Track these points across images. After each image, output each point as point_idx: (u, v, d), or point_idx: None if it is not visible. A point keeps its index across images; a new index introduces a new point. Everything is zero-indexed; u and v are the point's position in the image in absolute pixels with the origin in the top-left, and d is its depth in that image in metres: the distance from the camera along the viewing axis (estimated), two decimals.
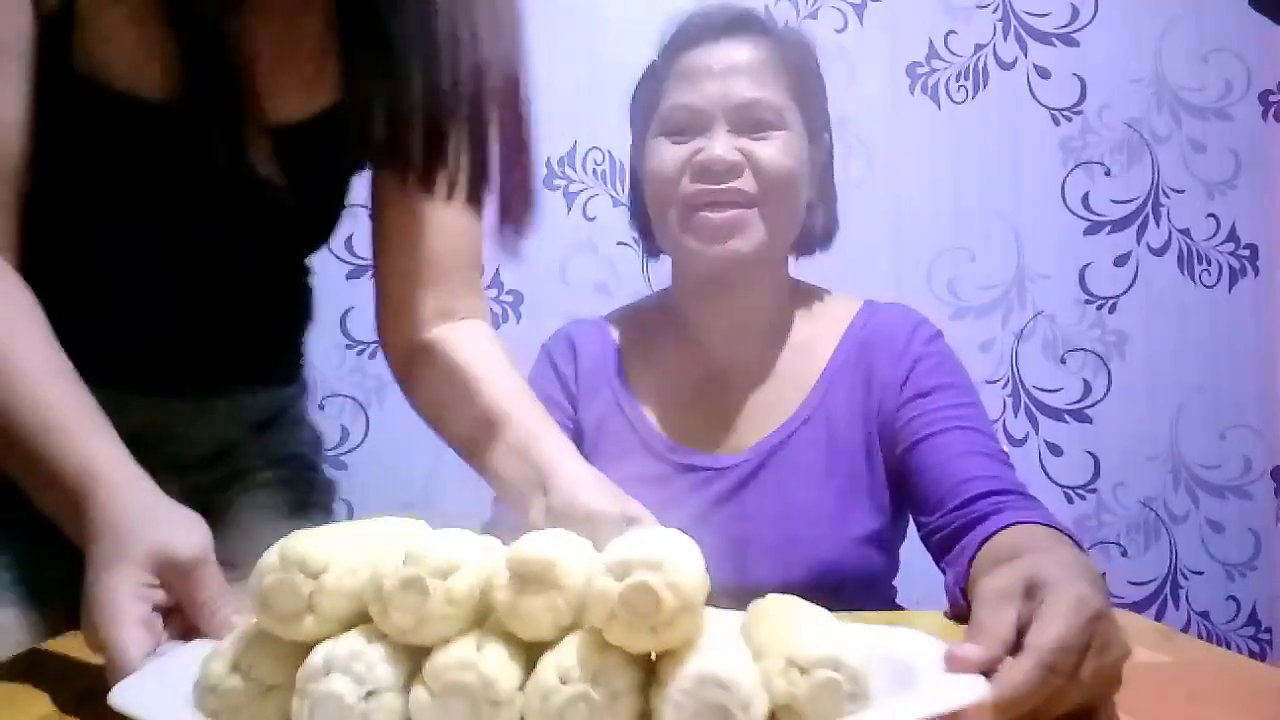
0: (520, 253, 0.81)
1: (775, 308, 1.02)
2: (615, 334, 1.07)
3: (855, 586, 0.94)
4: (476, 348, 0.84)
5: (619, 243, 1.80)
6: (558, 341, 1.08)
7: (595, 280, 1.80)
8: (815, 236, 1.03)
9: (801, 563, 0.91)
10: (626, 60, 1.77)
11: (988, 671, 0.48)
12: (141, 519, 0.57)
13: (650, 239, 1.06)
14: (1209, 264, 1.83)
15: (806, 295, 1.05)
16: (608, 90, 1.77)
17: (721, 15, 0.97)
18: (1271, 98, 1.82)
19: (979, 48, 1.82)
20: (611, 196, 1.80)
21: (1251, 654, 1.79)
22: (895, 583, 1.02)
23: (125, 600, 0.53)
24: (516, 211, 0.80)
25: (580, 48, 1.79)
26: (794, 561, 0.91)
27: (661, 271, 1.78)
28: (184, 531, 0.58)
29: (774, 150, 0.93)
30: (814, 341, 1.01)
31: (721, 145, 0.92)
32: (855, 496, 0.94)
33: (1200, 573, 1.81)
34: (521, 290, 1.80)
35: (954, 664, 0.49)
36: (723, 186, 0.92)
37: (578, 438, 1.01)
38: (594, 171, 1.80)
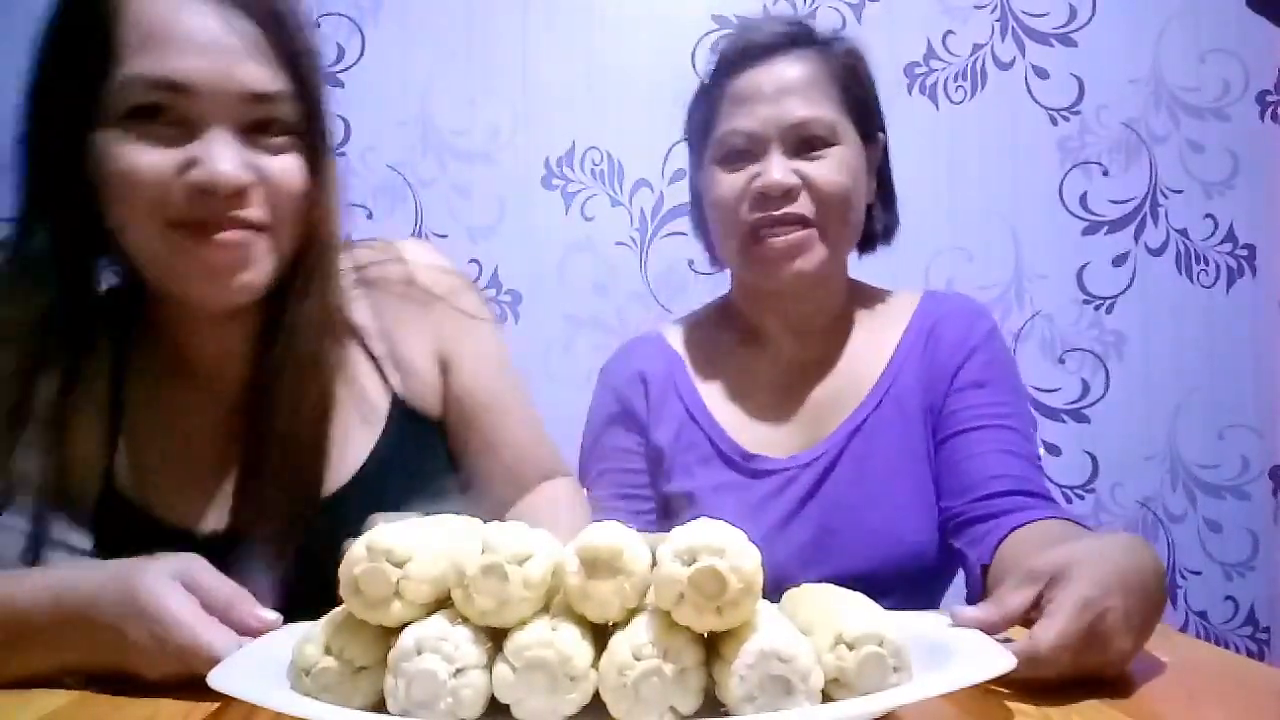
0: None
1: (838, 306, 1.03)
2: (676, 345, 1.07)
3: (936, 574, 0.97)
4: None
5: (618, 243, 1.80)
6: (622, 370, 1.07)
7: (594, 280, 1.80)
8: (876, 236, 1.05)
9: (891, 548, 0.93)
10: (626, 60, 1.78)
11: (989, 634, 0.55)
12: (133, 561, 0.60)
13: (712, 251, 1.07)
14: (1207, 264, 1.83)
15: (868, 292, 1.07)
16: (608, 90, 1.78)
17: (768, 33, 0.96)
18: (1269, 98, 1.82)
19: (977, 48, 1.82)
20: (610, 196, 1.80)
21: (1250, 654, 1.79)
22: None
23: (182, 609, 0.56)
24: None
25: (580, 48, 1.80)
26: (883, 546, 0.93)
27: (659, 271, 1.79)
28: (173, 555, 0.61)
29: (829, 169, 0.93)
30: (879, 333, 1.02)
31: (778, 170, 0.92)
32: (929, 478, 0.96)
33: (1198, 572, 1.82)
34: (520, 290, 1.80)
35: (957, 619, 0.57)
36: (781, 212, 0.93)
37: (656, 457, 1.02)
38: (593, 171, 1.80)
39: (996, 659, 0.49)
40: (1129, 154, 1.82)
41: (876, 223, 1.03)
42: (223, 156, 0.67)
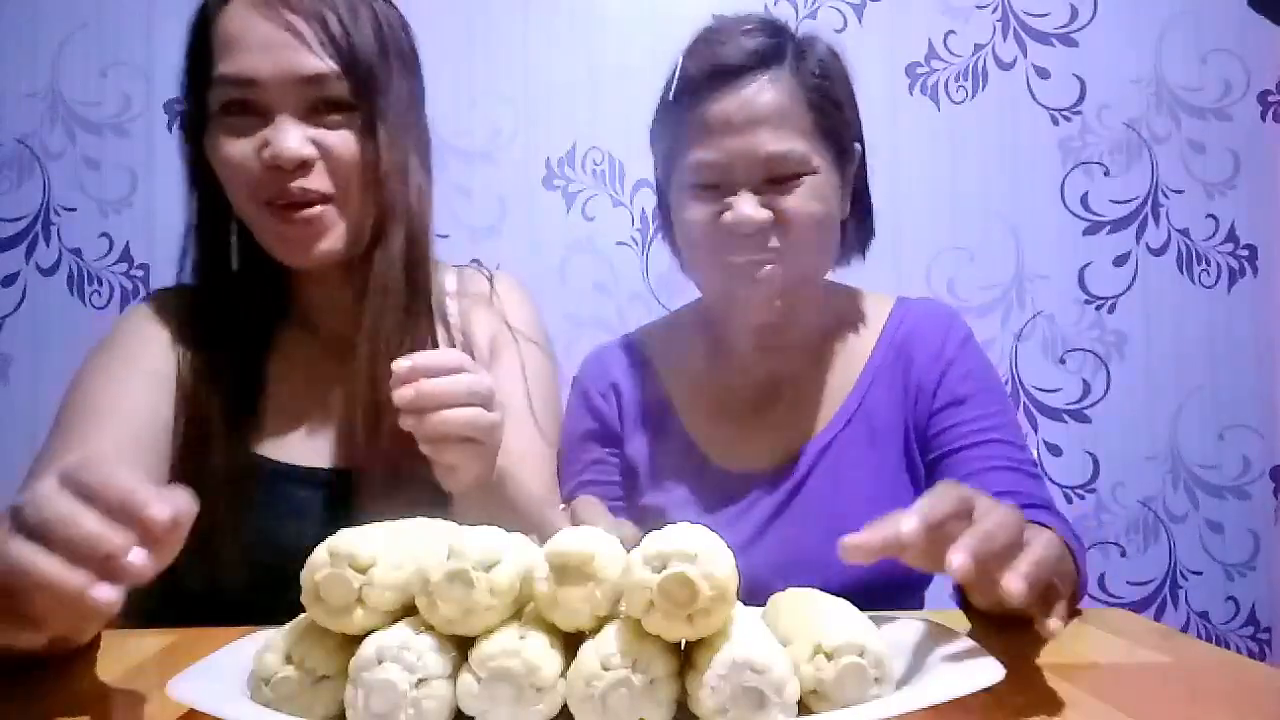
0: None
1: (810, 321, 1.02)
2: (649, 353, 1.07)
3: (915, 584, 0.96)
4: None
5: (618, 243, 1.80)
6: (595, 381, 1.06)
7: (595, 280, 1.80)
8: (852, 249, 1.03)
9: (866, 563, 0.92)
10: (626, 60, 1.78)
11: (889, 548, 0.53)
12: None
13: (680, 255, 1.05)
14: (1208, 264, 1.83)
15: (841, 298, 1.05)
16: (608, 90, 1.78)
17: (738, 52, 0.91)
18: (1270, 98, 1.82)
19: (978, 48, 1.82)
20: (611, 196, 1.80)
21: (1251, 654, 1.79)
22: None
23: (35, 555, 0.46)
24: None
25: (580, 48, 1.79)
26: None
27: (660, 272, 1.78)
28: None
29: (801, 199, 0.90)
30: (851, 345, 1.01)
31: (749, 205, 0.89)
32: (905, 491, 0.95)
33: (1199, 573, 1.82)
34: None
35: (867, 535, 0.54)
36: (754, 246, 0.90)
37: (630, 470, 1.02)
38: (593, 172, 1.80)
39: (984, 669, 0.47)
40: (1130, 154, 1.82)
41: (852, 237, 1.01)
42: (287, 135, 0.81)
